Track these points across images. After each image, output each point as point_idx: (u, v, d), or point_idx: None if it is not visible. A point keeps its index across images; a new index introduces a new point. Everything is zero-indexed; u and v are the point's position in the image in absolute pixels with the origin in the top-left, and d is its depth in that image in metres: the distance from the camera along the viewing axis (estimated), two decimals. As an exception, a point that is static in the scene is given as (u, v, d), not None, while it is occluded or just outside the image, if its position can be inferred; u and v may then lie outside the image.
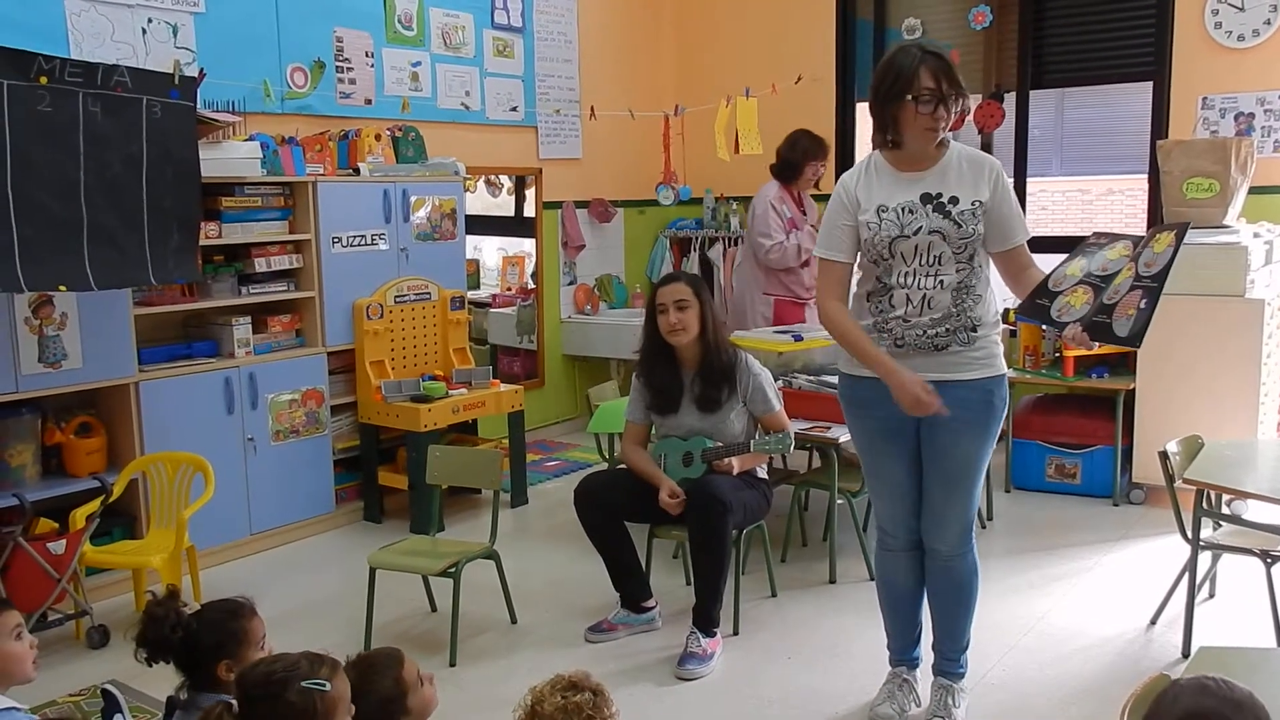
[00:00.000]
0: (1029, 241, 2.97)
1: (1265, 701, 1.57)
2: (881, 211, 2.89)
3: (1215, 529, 3.67)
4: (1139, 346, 2.60)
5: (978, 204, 2.87)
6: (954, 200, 2.86)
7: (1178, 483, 3.52)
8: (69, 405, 4.24)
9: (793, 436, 3.75)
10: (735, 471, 3.69)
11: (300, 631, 3.83)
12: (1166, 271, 2.62)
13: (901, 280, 2.90)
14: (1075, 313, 2.73)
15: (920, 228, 2.85)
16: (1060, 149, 10.27)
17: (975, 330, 2.90)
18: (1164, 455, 3.56)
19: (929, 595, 3.17)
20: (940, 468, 2.99)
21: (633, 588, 3.86)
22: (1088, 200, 11.90)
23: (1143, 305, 2.60)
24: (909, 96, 2.78)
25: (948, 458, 2.97)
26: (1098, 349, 2.73)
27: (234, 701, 1.92)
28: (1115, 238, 2.90)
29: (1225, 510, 3.76)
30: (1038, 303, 2.84)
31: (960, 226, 2.85)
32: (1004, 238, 2.92)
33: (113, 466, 4.26)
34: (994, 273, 3.03)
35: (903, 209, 2.87)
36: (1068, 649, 3.63)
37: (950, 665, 3.18)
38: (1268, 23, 5.32)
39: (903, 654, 3.25)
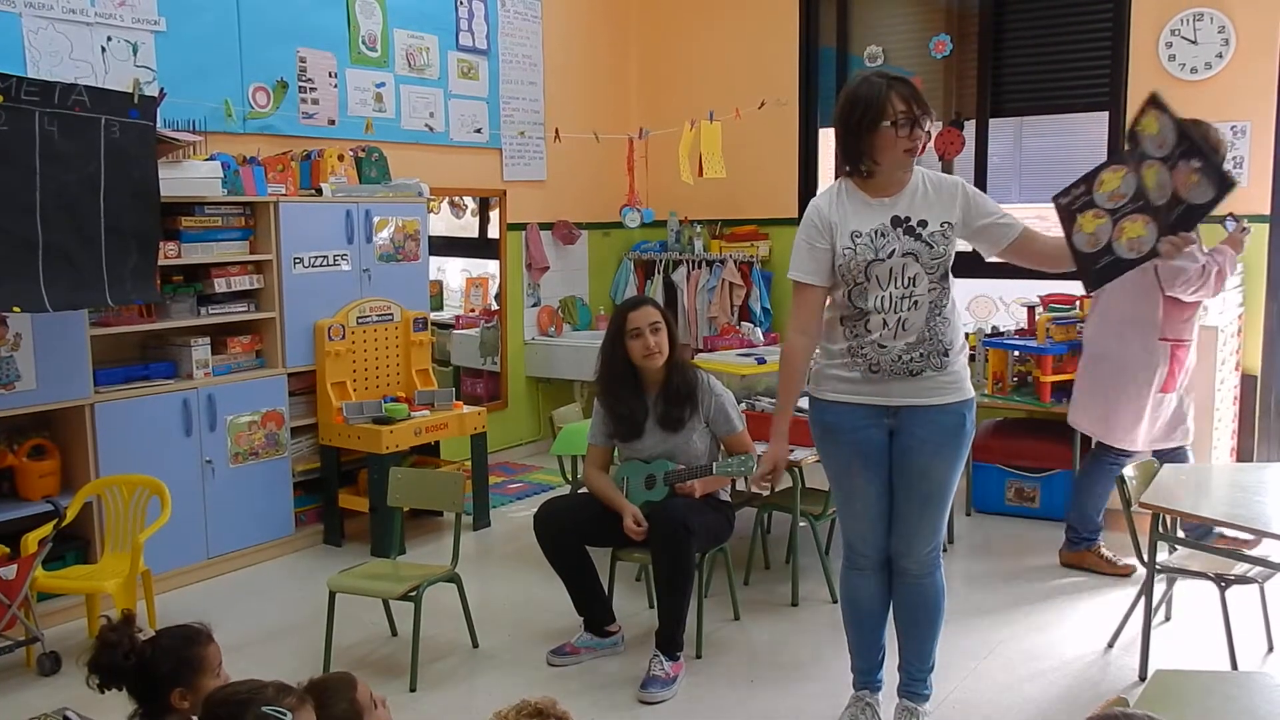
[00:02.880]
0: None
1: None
2: (855, 237, 2.93)
3: (1171, 553, 3.72)
4: (1233, 186, 2.57)
5: (946, 225, 2.92)
6: (923, 223, 2.91)
7: (1134, 507, 3.56)
8: (22, 427, 4.17)
9: (755, 459, 3.76)
10: (698, 495, 3.70)
11: (258, 657, 3.78)
12: (1182, 131, 2.61)
13: (878, 304, 2.93)
14: (1147, 240, 2.70)
15: (893, 250, 2.90)
16: (1019, 176, 10.41)
17: (947, 354, 2.94)
18: (1121, 480, 3.61)
19: (897, 615, 3.18)
20: (914, 490, 3.02)
21: (596, 612, 3.84)
22: (1045, 227, 12.05)
23: (1197, 165, 2.58)
24: (887, 122, 2.82)
25: (923, 480, 3.00)
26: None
27: (194, 718, 1.93)
28: (1088, 179, 2.82)
29: (1180, 534, 3.81)
30: (1099, 267, 2.79)
31: (932, 248, 2.90)
32: (1006, 231, 2.96)
33: (66, 489, 4.18)
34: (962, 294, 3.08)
35: (875, 233, 2.91)
36: (1027, 672, 3.66)
37: (917, 686, 3.19)
38: (1219, 56, 5.44)
39: (866, 676, 3.26)
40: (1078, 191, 2.82)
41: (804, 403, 3.31)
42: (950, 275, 2.97)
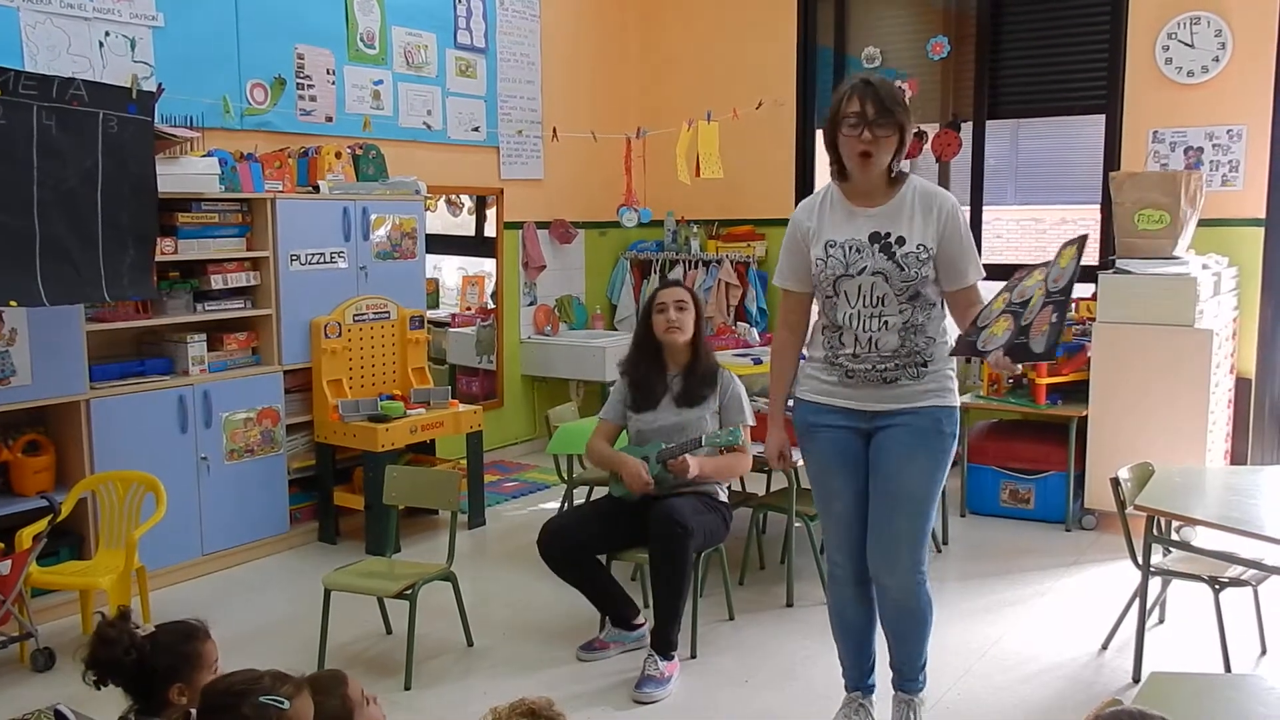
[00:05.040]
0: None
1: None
2: (829, 247, 2.91)
3: (1165, 555, 3.72)
4: (1053, 360, 2.61)
5: (922, 247, 2.86)
6: (900, 241, 2.86)
7: (1129, 509, 3.57)
8: (17, 422, 4.15)
9: (741, 429, 3.77)
10: (690, 472, 3.67)
11: (253, 654, 3.75)
12: (1071, 285, 2.63)
13: (847, 321, 2.92)
14: (996, 340, 2.71)
15: (864, 268, 2.87)
16: (1015, 178, 10.44)
17: (925, 365, 2.92)
18: (1115, 482, 3.61)
19: (884, 625, 3.15)
20: (886, 493, 2.97)
21: (619, 608, 3.86)
22: (1041, 229, 12.09)
23: (1054, 319, 2.60)
24: (842, 121, 2.83)
25: (893, 482, 2.96)
26: (1020, 371, 2.71)
27: (192, 711, 1.93)
28: (1034, 267, 2.85)
29: (1175, 536, 3.82)
30: (967, 340, 2.82)
31: (903, 270, 2.85)
32: (954, 278, 2.92)
33: (61, 485, 4.18)
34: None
35: (850, 246, 2.89)
36: (1021, 674, 3.66)
37: (911, 683, 3.18)
38: (1216, 59, 5.46)
39: (857, 682, 3.26)
40: (1024, 272, 2.84)
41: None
42: (928, 294, 2.90)
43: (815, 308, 3.10)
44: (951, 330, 3.02)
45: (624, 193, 6.90)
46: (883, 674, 3.26)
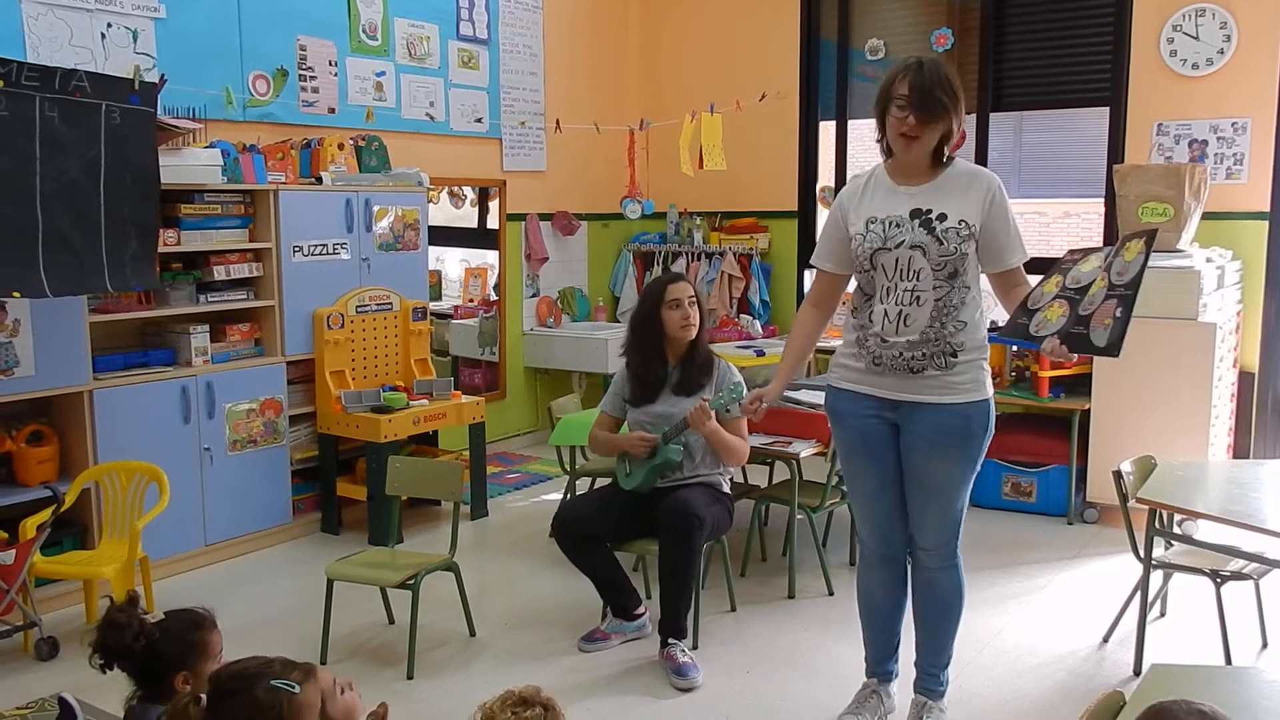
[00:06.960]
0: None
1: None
2: (870, 223, 2.92)
3: (1167, 548, 3.73)
4: (1118, 355, 2.57)
5: (964, 223, 2.85)
6: (942, 217, 2.86)
7: (1131, 502, 3.57)
8: (20, 413, 4.16)
9: (744, 388, 3.77)
10: (708, 421, 3.67)
11: (256, 644, 3.75)
12: (1139, 279, 2.60)
13: (881, 295, 2.92)
14: (1051, 326, 2.70)
15: (903, 241, 2.86)
16: (1018, 171, 10.40)
17: (955, 355, 2.89)
18: (1118, 475, 3.61)
19: (914, 606, 3.18)
20: (916, 484, 3.02)
21: (622, 598, 3.87)
22: (1045, 222, 12.06)
23: (1119, 314, 2.57)
24: (891, 103, 2.81)
25: (922, 474, 2.99)
26: (1077, 361, 2.68)
27: (203, 695, 1.93)
28: (1089, 251, 2.85)
29: (1176, 530, 3.82)
30: (1018, 322, 2.81)
31: (942, 244, 2.84)
32: (997, 259, 2.92)
33: (65, 476, 4.18)
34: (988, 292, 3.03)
35: (890, 222, 2.89)
36: (1022, 666, 3.67)
37: (931, 682, 3.18)
38: (1221, 52, 5.44)
39: (878, 666, 3.28)
40: (1078, 255, 2.83)
41: (815, 396, 3.32)
42: (966, 275, 2.88)
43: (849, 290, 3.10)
44: (996, 315, 3.01)
45: (627, 184, 6.90)
46: (906, 674, 3.27)
